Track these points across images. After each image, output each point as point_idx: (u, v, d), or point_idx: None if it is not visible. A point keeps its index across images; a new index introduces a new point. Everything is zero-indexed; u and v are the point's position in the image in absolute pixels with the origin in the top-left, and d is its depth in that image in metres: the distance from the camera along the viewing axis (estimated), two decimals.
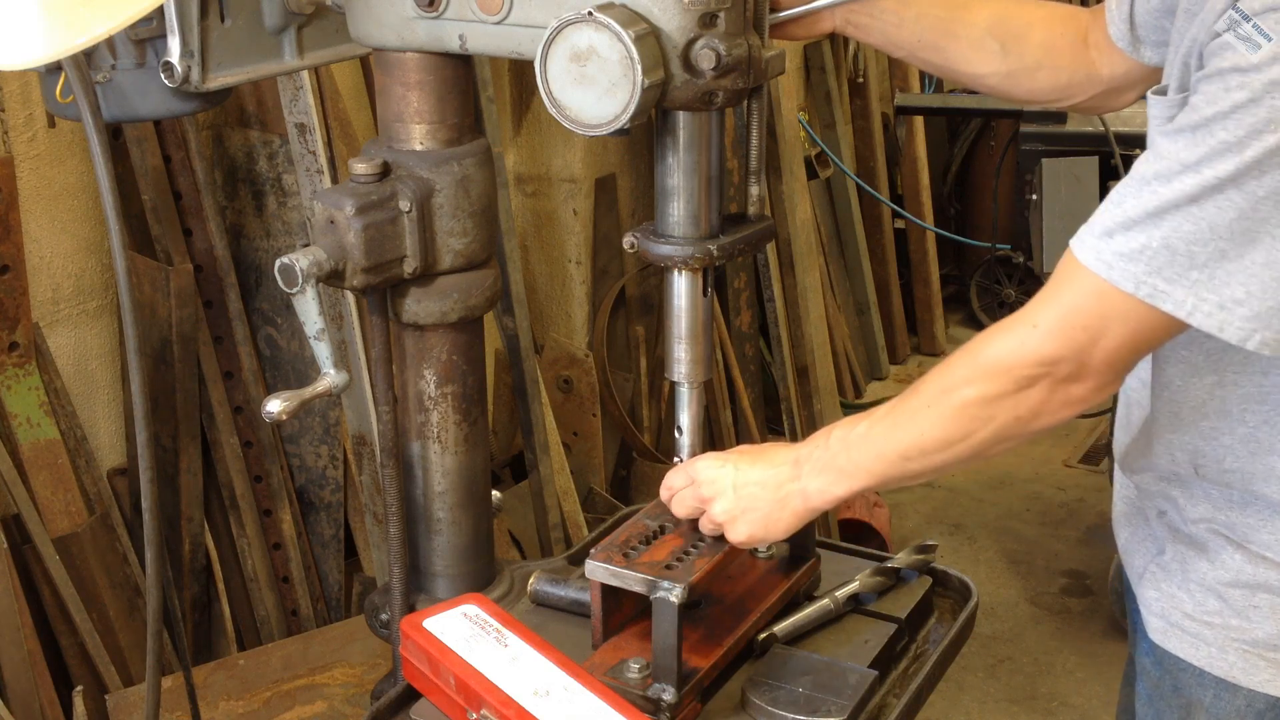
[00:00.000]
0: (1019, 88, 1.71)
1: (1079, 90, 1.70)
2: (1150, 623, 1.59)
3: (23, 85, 2.51)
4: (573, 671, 1.40)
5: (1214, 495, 1.51)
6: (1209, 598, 1.53)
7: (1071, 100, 1.72)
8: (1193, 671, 1.55)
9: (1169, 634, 1.57)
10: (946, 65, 1.69)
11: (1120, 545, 1.71)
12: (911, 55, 1.69)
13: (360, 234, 1.42)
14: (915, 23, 1.64)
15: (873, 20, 1.63)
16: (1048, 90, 1.71)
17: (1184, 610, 1.55)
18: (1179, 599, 1.56)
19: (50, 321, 2.64)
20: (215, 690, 2.59)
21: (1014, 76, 1.69)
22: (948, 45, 1.67)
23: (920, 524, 4.56)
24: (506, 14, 1.38)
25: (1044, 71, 1.69)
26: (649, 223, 1.48)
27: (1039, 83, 1.70)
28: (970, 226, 6.09)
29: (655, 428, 4.19)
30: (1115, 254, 1.28)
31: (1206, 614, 1.53)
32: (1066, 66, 1.69)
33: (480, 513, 1.65)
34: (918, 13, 1.64)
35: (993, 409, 1.35)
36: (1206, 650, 1.53)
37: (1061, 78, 1.69)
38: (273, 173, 2.84)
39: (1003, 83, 1.71)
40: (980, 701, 3.62)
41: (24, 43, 1.29)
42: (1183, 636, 1.55)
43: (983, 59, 1.68)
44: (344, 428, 2.93)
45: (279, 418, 1.43)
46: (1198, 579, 1.54)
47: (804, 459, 1.44)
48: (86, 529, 2.58)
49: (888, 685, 1.55)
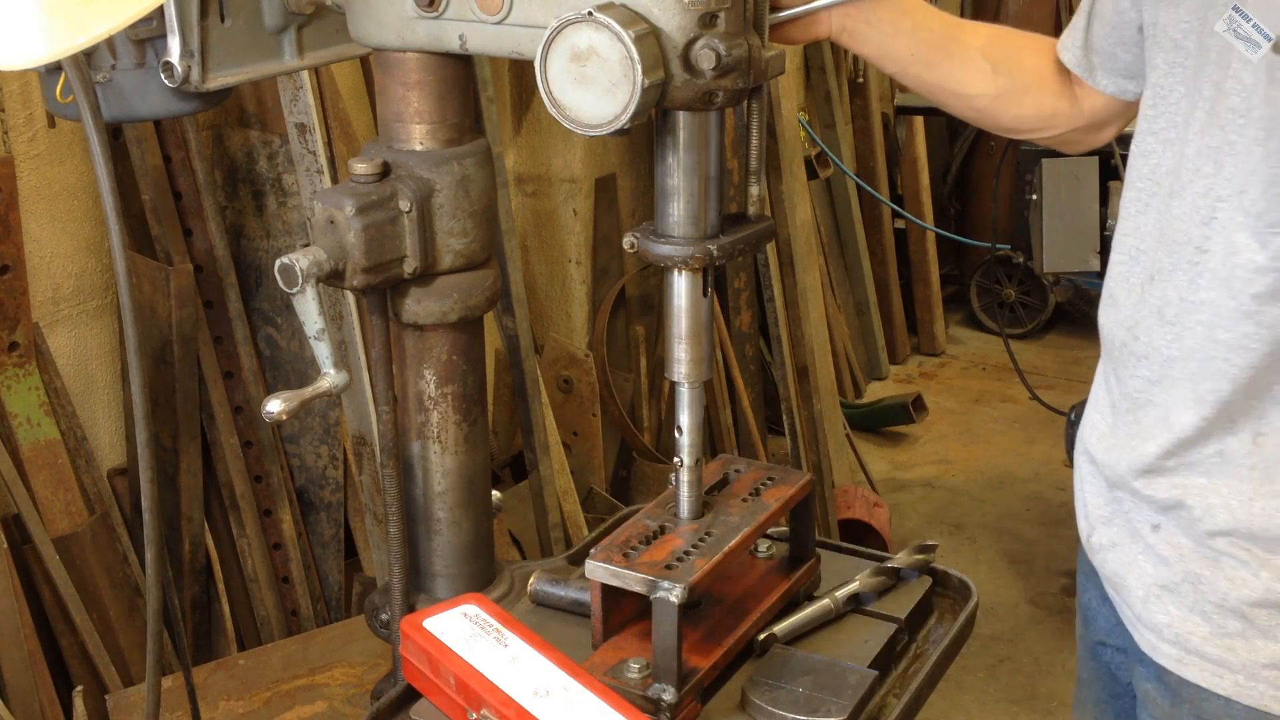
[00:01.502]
0: (1005, 113, 1.72)
1: (1062, 120, 1.71)
2: (1162, 650, 1.53)
3: (23, 85, 2.51)
4: (573, 671, 1.40)
5: (1234, 506, 1.46)
6: (1229, 619, 1.47)
7: (1054, 130, 1.73)
8: (1218, 701, 1.48)
9: (1186, 662, 1.50)
10: (937, 83, 1.69)
11: (1106, 570, 1.64)
12: (904, 71, 1.67)
13: (360, 234, 1.42)
14: (912, 35, 1.63)
15: (869, 29, 1.61)
16: (1032, 117, 1.72)
17: (1200, 635, 1.49)
18: (1192, 622, 1.49)
19: (50, 321, 2.64)
20: (215, 690, 2.59)
21: (1001, 100, 1.70)
22: (941, 61, 1.66)
23: (920, 524, 4.56)
24: (506, 14, 1.38)
25: (1030, 96, 1.70)
26: (649, 223, 1.48)
27: (1025, 108, 1.71)
28: (970, 226, 6.10)
29: (655, 428, 4.19)
30: None
31: (1228, 636, 1.47)
32: (1052, 94, 1.70)
33: (480, 513, 1.65)
34: (915, 25, 1.63)
35: None
36: (1233, 678, 1.47)
37: (1047, 105, 1.70)
38: (273, 173, 2.84)
39: (990, 105, 1.71)
40: (980, 701, 3.62)
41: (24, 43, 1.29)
42: (1202, 664, 1.49)
43: (973, 79, 1.68)
44: (344, 428, 2.93)
45: (279, 418, 1.43)
46: (1216, 599, 1.48)
47: None
48: (86, 529, 2.58)
49: (888, 685, 1.55)
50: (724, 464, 1.63)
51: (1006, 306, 5.95)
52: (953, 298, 6.24)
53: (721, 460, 1.64)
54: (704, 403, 1.55)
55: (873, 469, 4.76)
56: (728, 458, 1.65)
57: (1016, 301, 5.98)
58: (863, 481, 4.58)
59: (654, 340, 4.17)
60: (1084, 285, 5.67)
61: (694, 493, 1.53)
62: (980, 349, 6.03)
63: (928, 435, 5.19)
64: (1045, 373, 5.66)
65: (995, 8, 5.91)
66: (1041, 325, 5.99)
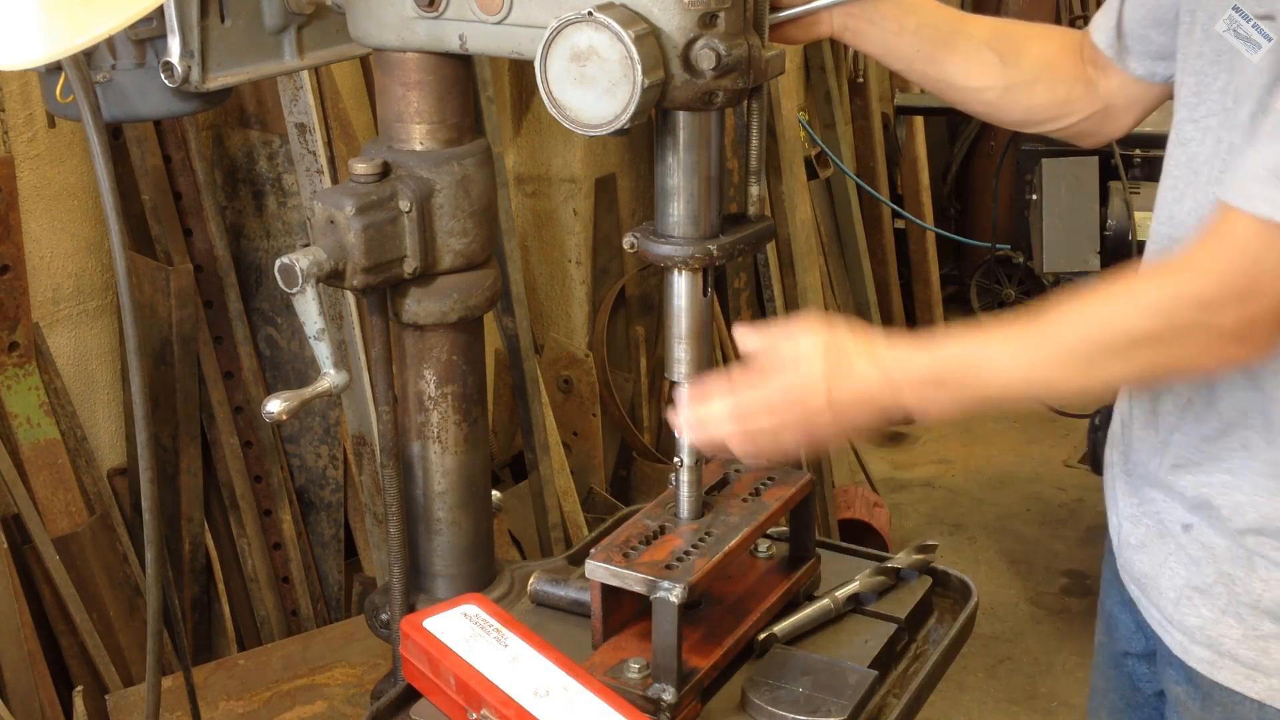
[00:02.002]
0: (1016, 104, 1.69)
1: (1077, 107, 1.68)
2: (1195, 653, 1.51)
3: (23, 85, 2.51)
4: (573, 671, 1.40)
5: (1260, 504, 1.44)
6: (1263, 620, 1.45)
7: (1070, 119, 1.70)
8: (1251, 705, 1.46)
9: (1219, 665, 1.48)
10: (943, 78, 1.67)
11: (1136, 570, 1.62)
12: (909, 67, 1.66)
13: (360, 234, 1.42)
14: (915, 32, 1.62)
15: (872, 27, 1.61)
16: (1045, 106, 1.69)
17: (1234, 637, 1.47)
18: (1225, 624, 1.47)
19: (50, 321, 2.64)
20: (215, 690, 2.59)
21: (1011, 91, 1.68)
22: (946, 57, 1.65)
23: (920, 524, 4.56)
24: (506, 14, 1.38)
25: (1041, 85, 1.68)
26: (649, 223, 1.48)
27: (1037, 97, 1.68)
28: (970, 226, 6.09)
29: (655, 428, 4.19)
30: None
31: (1261, 639, 1.45)
32: (1064, 80, 1.68)
33: (480, 513, 1.65)
34: (919, 21, 1.62)
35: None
36: (1267, 682, 1.45)
37: (1060, 91, 1.68)
38: (273, 173, 2.84)
39: (1000, 98, 1.69)
40: (980, 701, 3.62)
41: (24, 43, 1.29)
42: (1236, 668, 1.47)
43: (981, 71, 1.66)
44: (344, 428, 2.93)
45: (279, 418, 1.43)
46: (1249, 600, 1.46)
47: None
48: (86, 529, 2.58)
49: (888, 685, 1.55)
50: (724, 464, 1.63)
51: (1006, 306, 5.95)
52: (953, 298, 6.24)
53: (721, 460, 1.64)
54: None
55: (873, 469, 4.76)
56: (727, 458, 1.65)
57: (1016, 301, 5.98)
58: (863, 481, 4.58)
59: (654, 340, 4.17)
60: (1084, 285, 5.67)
61: (694, 493, 1.53)
62: None
63: (928, 435, 5.19)
64: None
65: (994, 9, 5.91)
66: None
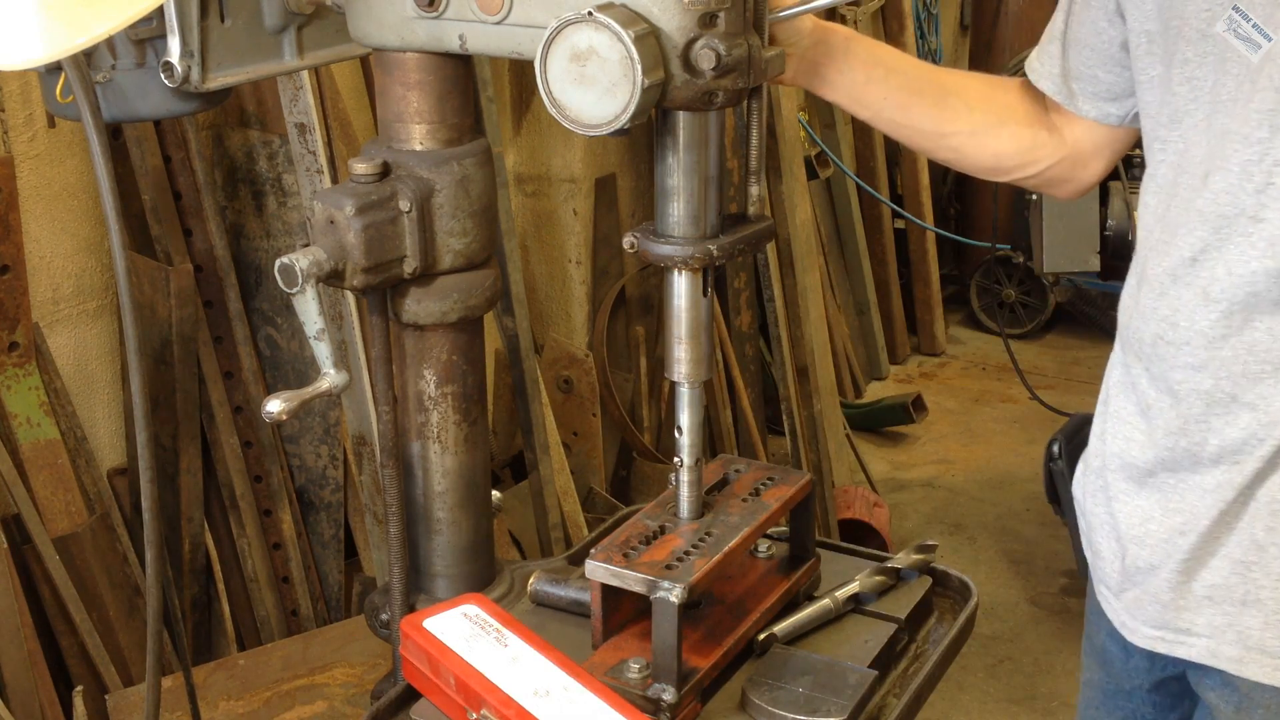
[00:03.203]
0: (984, 149, 1.71)
1: (1044, 153, 1.70)
2: (1222, 652, 1.50)
3: (23, 85, 2.51)
4: (573, 671, 1.40)
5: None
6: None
7: (1038, 165, 1.71)
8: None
9: (1246, 660, 1.48)
10: (911, 124, 1.69)
11: (1140, 563, 1.59)
12: (876, 115, 1.67)
13: (360, 234, 1.42)
14: (884, 81, 1.64)
15: (840, 76, 1.61)
16: (1013, 152, 1.71)
17: (1255, 629, 1.46)
18: (1245, 617, 1.47)
19: (50, 321, 2.64)
20: (215, 690, 2.59)
21: (978, 135, 1.70)
22: (914, 104, 1.66)
23: (920, 524, 4.56)
24: (506, 14, 1.38)
25: (1008, 129, 1.70)
26: (649, 223, 1.48)
27: (1003, 142, 1.70)
28: (970, 226, 6.09)
29: (655, 428, 4.19)
30: None
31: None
32: (1029, 125, 1.70)
33: (480, 513, 1.65)
34: (886, 70, 1.64)
35: None
36: None
37: (1025, 137, 1.70)
38: (273, 173, 2.84)
39: (967, 142, 1.70)
40: (980, 701, 3.62)
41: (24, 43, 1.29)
42: (1263, 659, 1.46)
43: (948, 117, 1.68)
44: (344, 428, 2.93)
45: (279, 418, 1.43)
46: (1271, 589, 1.45)
47: None
48: (86, 529, 2.58)
49: (888, 685, 1.55)
50: (724, 464, 1.63)
51: (1006, 306, 5.96)
52: (953, 298, 6.24)
53: (721, 460, 1.64)
54: (704, 403, 1.55)
55: (873, 469, 4.76)
56: (728, 458, 1.65)
57: (1016, 301, 5.98)
58: (863, 481, 4.58)
59: (654, 340, 4.17)
60: (1084, 285, 5.67)
61: (694, 493, 1.53)
62: (980, 349, 6.03)
63: (928, 435, 5.19)
64: (1045, 373, 5.66)
65: (995, 9, 5.91)
66: (1041, 325, 5.99)
